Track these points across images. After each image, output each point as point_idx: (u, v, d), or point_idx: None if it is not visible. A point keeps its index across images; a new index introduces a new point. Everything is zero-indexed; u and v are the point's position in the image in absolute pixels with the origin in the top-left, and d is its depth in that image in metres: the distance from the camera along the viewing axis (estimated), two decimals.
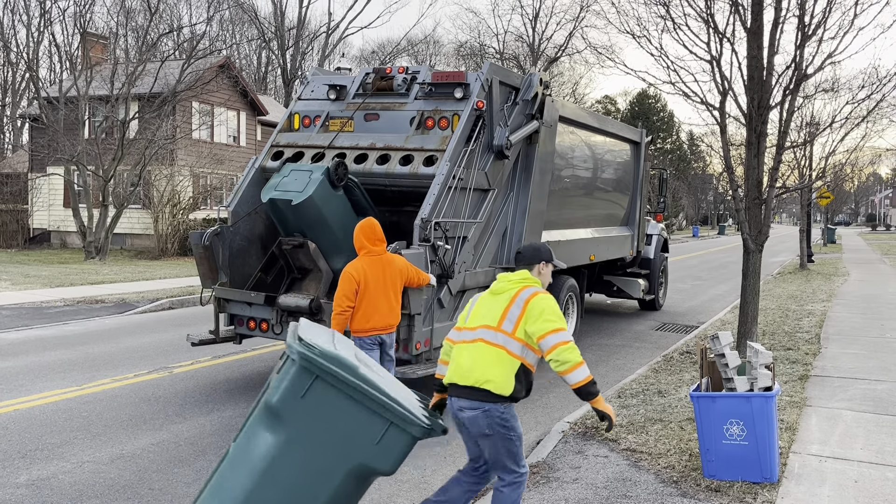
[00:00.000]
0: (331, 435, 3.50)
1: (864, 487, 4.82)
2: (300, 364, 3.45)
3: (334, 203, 7.19)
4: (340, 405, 3.48)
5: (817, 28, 8.07)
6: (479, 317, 4.04)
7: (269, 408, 3.51)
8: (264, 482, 3.50)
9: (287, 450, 3.49)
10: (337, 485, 3.54)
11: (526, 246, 4.39)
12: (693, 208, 73.86)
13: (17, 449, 5.85)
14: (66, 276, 17.76)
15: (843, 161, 23.63)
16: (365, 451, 3.53)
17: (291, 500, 3.52)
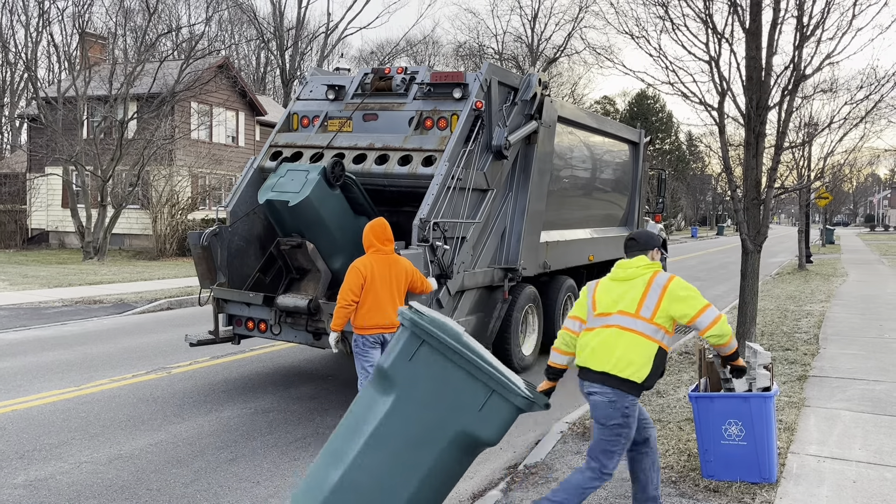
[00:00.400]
0: (435, 400, 3.67)
1: (862, 487, 4.82)
2: (410, 329, 3.70)
3: (332, 203, 7.15)
4: (445, 370, 3.66)
5: (816, 29, 8.07)
6: (611, 303, 4.13)
7: (381, 371, 3.78)
8: (371, 443, 3.69)
9: (394, 412, 3.68)
10: (441, 450, 3.68)
11: (640, 232, 4.50)
12: (692, 209, 73.93)
13: (14, 449, 5.85)
14: (65, 276, 17.74)
15: (842, 162, 23.64)
16: (468, 418, 3.67)
17: (396, 464, 3.67)
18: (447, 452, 3.68)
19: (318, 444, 6.07)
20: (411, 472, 3.66)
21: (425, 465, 3.66)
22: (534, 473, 5.18)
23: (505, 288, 8.10)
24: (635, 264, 4.22)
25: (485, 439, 3.71)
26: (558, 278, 9.72)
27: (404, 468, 3.66)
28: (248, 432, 6.34)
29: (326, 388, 7.84)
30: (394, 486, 3.67)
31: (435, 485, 3.73)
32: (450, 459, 3.71)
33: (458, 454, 3.73)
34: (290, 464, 5.63)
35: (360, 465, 3.68)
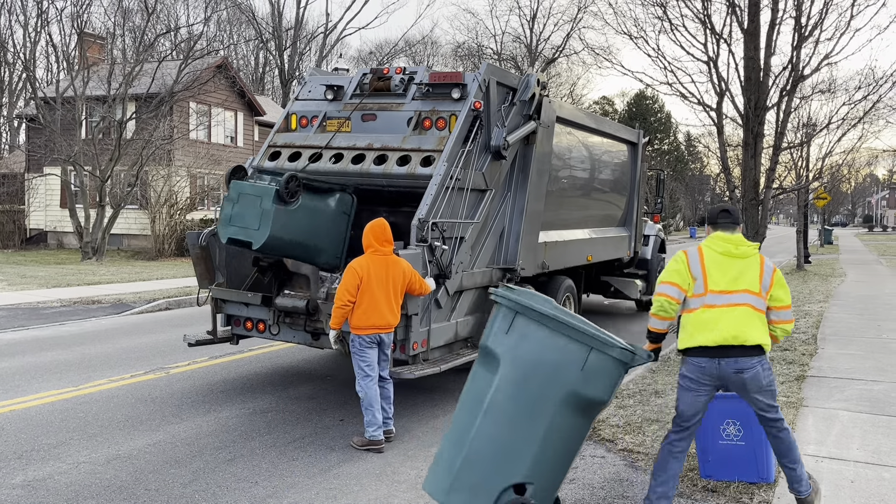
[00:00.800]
0: (538, 366, 3.86)
1: (860, 487, 4.83)
2: (503, 304, 3.99)
3: (296, 220, 6.70)
4: (542, 336, 3.88)
5: (814, 29, 8.10)
6: (731, 281, 4.24)
7: (484, 349, 4.04)
8: (488, 417, 3.89)
9: (502, 384, 3.89)
10: (552, 415, 3.83)
11: (730, 205, 4.60)
12: (690, 209, 73.93)
13: (13, 449, 5.84)
14: (63, 276, 17.73)
15: (840, 162, 23.69)
16: (572, 379, 3.83)
17: (514, 433, 3.84)
18: (560, 415, 3.84)
19: (317, 443, 6.07)
20: (530, 439, 3.83)
21: (541, 430, 3.83)
22: None
23: None
24: (746, 243, 4.34)
25: (594, 398, 3.88)
26: (557, 278, 9.72)
27: (522, 436, 3.84)
28: (246, 432, 6.34)
29: (325, 389, 7.84)
30: (515, 454, 3.84)
31: (556, 447, 3.88)
32: (565, 422, 3.86)
33: (572, 416, 3.87)
34: (288, 464, 5.63)
35: (480, 438, 3.88)
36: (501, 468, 3.85)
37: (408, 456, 5.86)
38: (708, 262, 4.29)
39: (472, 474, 3.89)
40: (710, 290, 4.23)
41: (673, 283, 4.32)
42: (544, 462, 3.87)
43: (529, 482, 3.84)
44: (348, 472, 5.48)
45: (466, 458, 3.89)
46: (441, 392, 7.78)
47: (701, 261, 4.30)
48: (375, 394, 5.93)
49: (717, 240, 4.36)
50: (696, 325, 4.24)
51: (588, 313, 13.28)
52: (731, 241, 4.33)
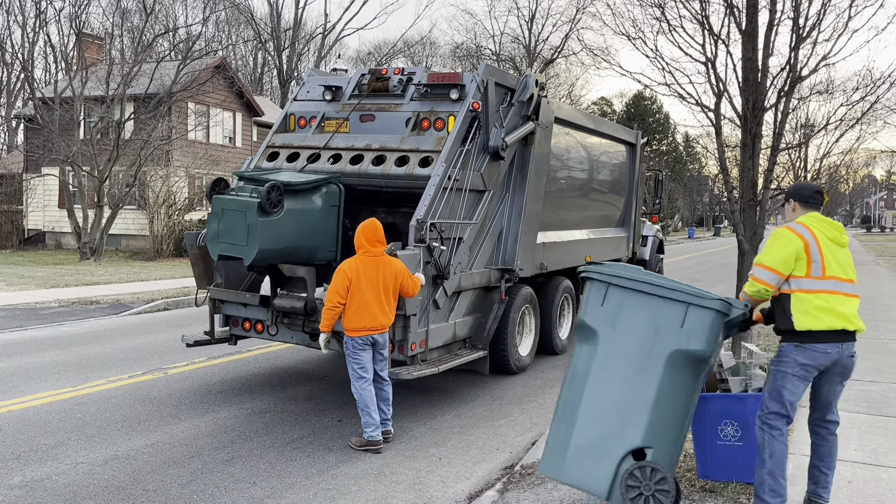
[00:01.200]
0: (638, 331, 3.99)
1: (857, 488, 4.83)
2: (594, 279, 4.14)
3: (285, 227, 6.63)
4: (637, 302, 4.02)
5: (812, 30, 8.10)
6: (841, 269, 4.13)
7: (582, 325, 4.19)
8: (593, 391, 4.01)
9: (604, 356, 4.04)
10: (660, 377, 3.95)
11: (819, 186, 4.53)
12: (689, 210, 74.02)
13: (10, 450, 5.84)
14: (61, 276, 17.71)
15: (838, 163, 23.71)
16: (674, 337, 3.96)
17: (623, 401, 3.97)
18: (668, 376, 3.95)
19: (315, 444, 6.07)
20: (641, 404, 3.94)
21: (652, 394, 3.94)
22: (530, 474, 5.19)
23: (502, 289, 8.10)
24: (844, 229, 4.23)
25: (698, 353, 3.96)
26: (555, 279, 9.73)
27: (633, 402, 3.95)
28: (244, 433, 6.34)
29: (323, 389, 7.84)
30: (629, 421, 3.95)
31: (669, 409, 3.98)
32: (673, 382, 3.96)
33: (680, 375, 3.98)
34: (286, 464, 5.63)
35: (591, 411, 4.02)
36: (617, 436, 3.96)
37: (406, 456, 5.86)
38: (823, 246, 4.09)
39: (589, 447, 4.01)
40: (830, 277, 4.06)
41: (777, 271, 4.08)
42: (659, 425, 3.96)
43: (648, 446, 3.94)
44: (346, 472, 5.48)
45: (580, 432, 4.00)
46: (439, 393, 7.78)
47: (818, 244, 4.08)
48: (371, 395, 5.92)
49: (823, 223, 4.16)
50: (820, 309, 4.02)
51: None
52: (837, 227, 4.17)
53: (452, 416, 6.99)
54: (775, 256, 4.08)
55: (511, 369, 8.42)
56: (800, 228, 4.13)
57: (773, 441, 4.09)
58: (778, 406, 4.11)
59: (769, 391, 4.14)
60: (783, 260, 4.07)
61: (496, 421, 6.85)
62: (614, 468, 3.95)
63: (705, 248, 40.73)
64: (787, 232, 4.12)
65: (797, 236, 4.08)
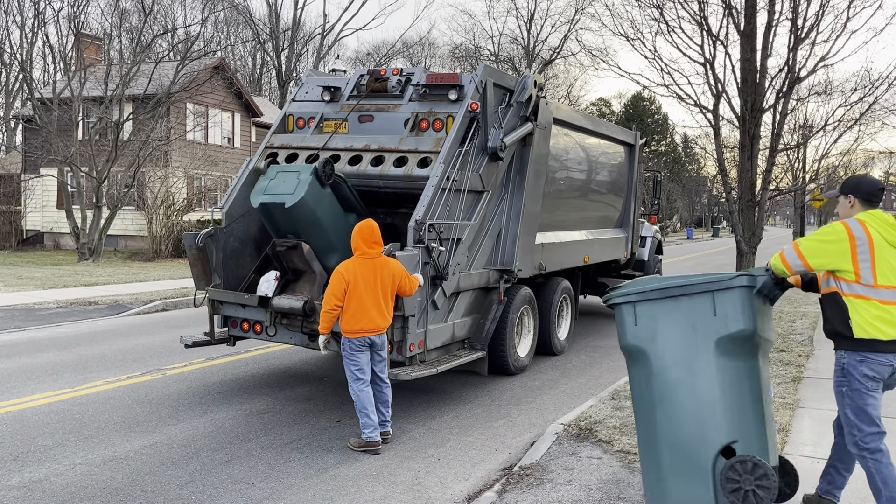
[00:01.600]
0: (677, 335, 4.05)
1: (855, 489, 4.83)
2: (619, 302, 4.22)
3: (325, 202, 7.15)
4: (666, 309, 4.09)
5: (810, 31, 8.12)
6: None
7: (625, 351, 4.28)
8: (662, 406, 4.07)
9: (658, 371, 4.09)
10: (716, 369, 3.99)
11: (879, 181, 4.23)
12: (687, 210, 74.04)
13: (9, 451, 5.83)
14: (60, 277, 17.69)
15: (837, 164, 23.74)
16: (712, 327, 4.01)
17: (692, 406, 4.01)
18: (723, 366, 3.99)
19: (314, 445, 6.07)
20: (709, 402, 3.97)
21: (716, 389, 3.97)
22: (529, 475, 5.19)
23: (500, 289, 8.10)
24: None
25: (740, 331, 3.98)
26: (554, 280, 9.73)
27: (701, 403, 3.99)
28: (243, 434, 6.34)
29: (322, 390, 7.83)
30: (706, 423, 3.98)
31: (739, 397, 4.00)
32: (730, 369, 4.00)
33: (734, 360, 4.02)
34: (285, 465, 5.62)
35: (667, 426, 4.06)
36: (700, 442, 3.98)
37: (404, 457, 5.86)
38: (877, 251, 3.79)
39: (678, 462, 4.04)
40: (880, 285, 3.78)
41: (806, 260, 3.87)
42: (736, 416, 3.98)
43: (733, 441, 3.95)
44: (345, 473, 5.48)
45: (665, 449, 4.04)
46: (438, 393, 7.78)
47: (871, 245, 3.79)
48: (368, 396, 5.92)
49: (884, 224, 3.85)
50: (880, 319, 3.77)
51: (585, 315, 13.29)
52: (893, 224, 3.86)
53: (451, 416, 6.99)
54: (812, 245, 3.88)
55: (510, 370, 8.43)
56: (854, 225, 3.85)
57: (880, 466, 3.83)
58: (869, 425, 3.84)
59: (854, 414, 3.87)
60: (819, 251, 3.86)
61: (495, 422, 6.85)
62: (710, 475, 3.97)
63: (704, 249, 40.76)
64: (839, 226, 3.87)
65: (848, 234, 3.82)
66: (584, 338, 11.23)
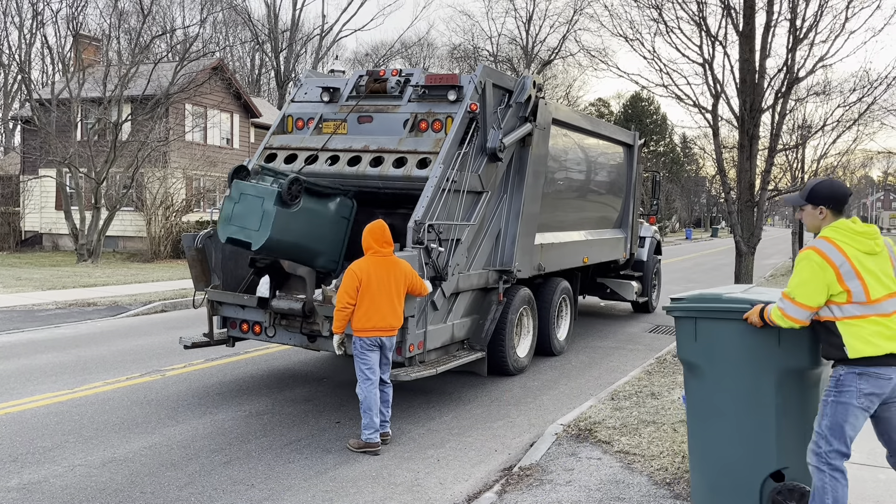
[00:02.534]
0: (737, 358, 3.97)
1: (855, 489, 4.83)
2: (679, 315, 4.15)
3: (296, 223, 6.70)
4: (728, 330, 3.97)
5: (809, 31, 8.12)
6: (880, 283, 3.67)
7: (683, 362, 4.25)
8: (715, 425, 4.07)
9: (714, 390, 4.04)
10: (774, 397, 3.94)
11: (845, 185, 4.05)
12: (686, 211, 74.06)
13: (8, 453, 5.82)
14: (58, 278, 17.67)
15: (835, 164, 23.76)
16: (775, 356, 3.91)
17: (747, 429, 3.99)
18: (782, 395, 3.93)
19: (313, 446, 6.07)
20: (764, 427, 3.95)
21: (772, 416, 3.93)
22: (528, 475, 5.19)
23: (500, 290, 8.10)
24: (878, 232, 3.79)
25: (802, 368, 3.92)
26: (553, 280, 9.73)
27: (756, 427, 3.97)
28: (242, 435, 6.33)
29: (321, 391, 7.83)
30: (758, 447, 3.96)
31: (795, 426, 3.96)
32: (790, 399, 3.94)
33: (795, 391, 3.96)
34: (284, 466, 5.62)
35: (719, 445, 4.07)
36: (751, 464, 3.98)
37: (404, 458, 5.85)
38: (858, 266, 3.65)
39: (726, 480, 4.05)
40: (874, 300, 3.64)
41: (809, 307, 3.68)
42: (789, 444, 3.96)
43: (784, 467, 3.95)
44: (345, 474, 5.48)
45: (715, 465, 4.04)
46: (438, 394, 7.77)
47: (853, 266, 3.64)
48: (375, 398, 5.92)
49: (853, 236, 3.71)
50: (875, 335, 3.62)
51: (584, 315, 13.30)
52: (869, 234, 3.71)
53: (450, 417, 6.99)
54: (806, 291, 3.67)
55: (509, 370, 8.42)
56: (828, 249, 3.68)
57: (836, 484, 3.66)
58: (840, 443, 3.67)
59: (830, 426, 3.69)
60: (814, 290, 3.66)
61: (494, 422, 6.85)
62: (758, 497, 3.99)
63: (703, 250, 40.77)
64: (816, 257, 3.67)
65: (829, 264, 3.64)
66: (584, 338, 11.23)
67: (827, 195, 3.84)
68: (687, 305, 4.14)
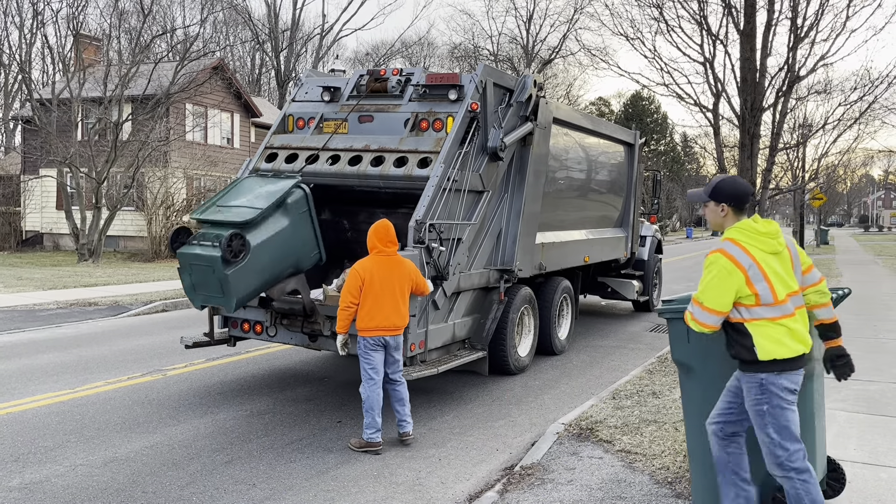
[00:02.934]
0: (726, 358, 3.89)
1: (857, 487, 4.83)
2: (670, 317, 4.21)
3: (257, 266, 6.33)
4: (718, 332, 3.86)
5: (810, 30, 8.12)
6: (784, 282, 3.72)
7: (677, 363, 4.28)
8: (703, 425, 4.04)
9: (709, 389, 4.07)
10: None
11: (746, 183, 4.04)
12: (687, 210, 74.03)
13: (9, 452, 5.82)
14: (59, 278, 17.68)
15: (836, 163, 23.77)
16: None
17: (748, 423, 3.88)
18: None
19: (315, 445, 6.07)
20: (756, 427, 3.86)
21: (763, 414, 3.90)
22: (530, 475, 5.19)
23: (501, 289, 8.10)
24: (778, 230, 3.86)
25: None
26: (554, 279, 9.73)
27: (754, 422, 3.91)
28: (243, 434, 6.33)
29: (322, 390, 7.83)
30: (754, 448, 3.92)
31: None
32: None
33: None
34: (286, 466, 5.62)
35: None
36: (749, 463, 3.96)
37: (405, 457, 5.86)
38: (765, 268, 3.67)
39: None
40: (780, 302, 3.67)
41: (720, 312, 3.70)
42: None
43: None
44: (346, 474, 5.48)
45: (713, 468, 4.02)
46: (439, 393, 7.77)
47: (760, 268, 3.67)
48: (378, 398, 5.91)
49: (757, 237, 3.75)
50: (784, 334, 3.67)
51: (585, 314, 13.29)
52: (770, 233, 3.76)
53: (452, 416, 6.99)
54: (716, 296, 3.69)
55: (510, 370, 8.42)
56: (735, 251, 3.71)
57: (809, 487, 3.64)
58: (793, 443, 3.66)
59: (778, 433, 3.65)
60: (722, 294, 3.68)
61: (495, 422, 6.85)
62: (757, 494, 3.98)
63: (704, 249, 40.74)
64: (724, 261, 3.70)
65: (737, 267, 3.67)
66: (585, 337, 11.22)
67: (729, 193, 3.87)
68: (679, 307, 4.16)
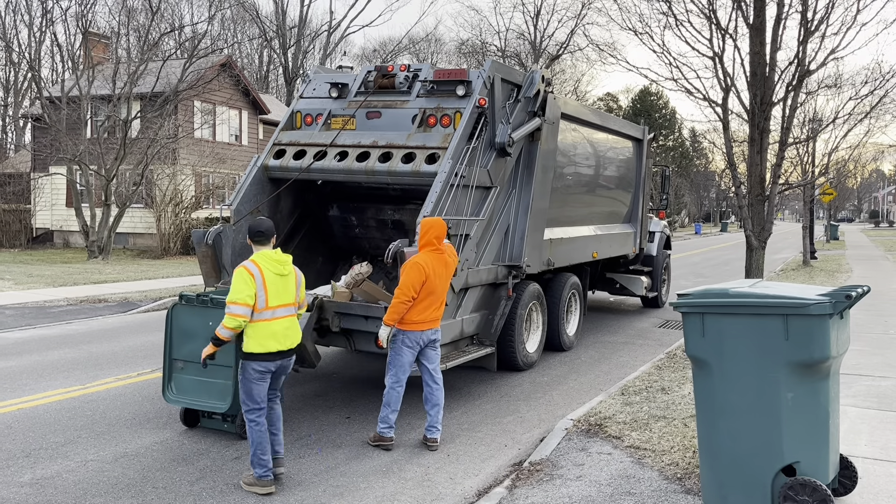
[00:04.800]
0: (744, 353, 3.96)
1: (868, 483, 4.81)
2: (686, 311, 4.13)
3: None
4: (735, 324, 3.97)
5: (820, 24, 8.06)
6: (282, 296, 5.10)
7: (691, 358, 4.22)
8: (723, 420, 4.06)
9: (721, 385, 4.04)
10: (782, 392, 3.92)
11: None
12: (695, 205, 73.78)
13: (21, 448, 5.86)
14: (69, 275, 17.78)
15: (846, 157, 23.62)
16: (782, 350, 3.89)
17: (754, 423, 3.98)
18: (790, 389, 3.92)
19: (323, 441, 6.08)
20: (772, 422, 3.93)
21: (780, 411, 3.92)
22: (539, 470, 5.18)
23: (509, 285, 8.09)
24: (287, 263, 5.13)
25: (813, 359, 3.89)
26: (562, 275, 9.71)
27: (764, 421, 3.95)
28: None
29: (331, 386, 7.85)
30: (767, 441, 3.96)
31: (805, 420, 3.96)
32: (799, 393, 3.93)
33: (804, 384, 3.94)
34: (295, 461, 5.63)
35: (727, 440, 4.05)
36: (762, 458, 3.97)
37: (414, 453, 5.86)
38: (268, 281, 4.96)
39: (736, 475, 4.04)
40: (270, 307, 4.97)
41: (249, 304, 4.93)
42: (799, 437, 3.96)
43: (795, 461, 3.94)
44: (355, 469, 5.49)
45: (724, 460, 4.04)
46: (447, 390, 7.74)
47: (263, 280, 4.93)
48: (399, 396, 5.88)
49: (269, 261, 5.01)
50: (267, 336, 4.97)
51: (593, 310, 13.27)
52: (280, 262, 5.08)
53: (460, 412, 6.99)
54: (243, 293, 4.86)
55: (518, 366, 8.42)
56: (252, 267, 4.96)
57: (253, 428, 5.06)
58: (252, 402, 5.05)
59: (245, 392, 5.06)
60: (247, 294, 4.86)
61: (504, 417, 6.84)
62: (769, 491, 3.97)
63: (712, 244, 40.60)
64: (244, 271, 4.94)
65: (250, 275, 4.92)
66: (593, 333, 11.20)
67: (249, 231, 5.21)
68: (694, 301, 4.12)
